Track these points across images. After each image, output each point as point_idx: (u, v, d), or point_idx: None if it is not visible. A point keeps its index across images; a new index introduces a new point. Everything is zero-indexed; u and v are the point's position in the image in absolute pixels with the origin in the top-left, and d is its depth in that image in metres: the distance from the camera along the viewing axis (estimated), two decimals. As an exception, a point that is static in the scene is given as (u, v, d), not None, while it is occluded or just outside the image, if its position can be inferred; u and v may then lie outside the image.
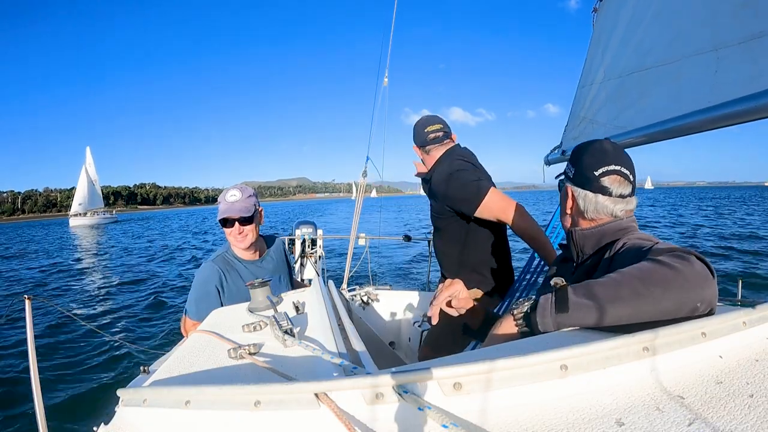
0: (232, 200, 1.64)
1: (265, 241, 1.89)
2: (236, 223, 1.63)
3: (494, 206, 1.64)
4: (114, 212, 74.60)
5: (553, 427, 0.42)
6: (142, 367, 0.92)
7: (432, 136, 1.79)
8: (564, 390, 0.46)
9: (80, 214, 57.03)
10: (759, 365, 0.50)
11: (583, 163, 0.94)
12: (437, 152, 1.80)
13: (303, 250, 4.25)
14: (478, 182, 1.68)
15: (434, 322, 1.00)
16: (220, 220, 1.64)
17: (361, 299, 2.93)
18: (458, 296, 1.03)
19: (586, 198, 0.94)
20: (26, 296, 1.27)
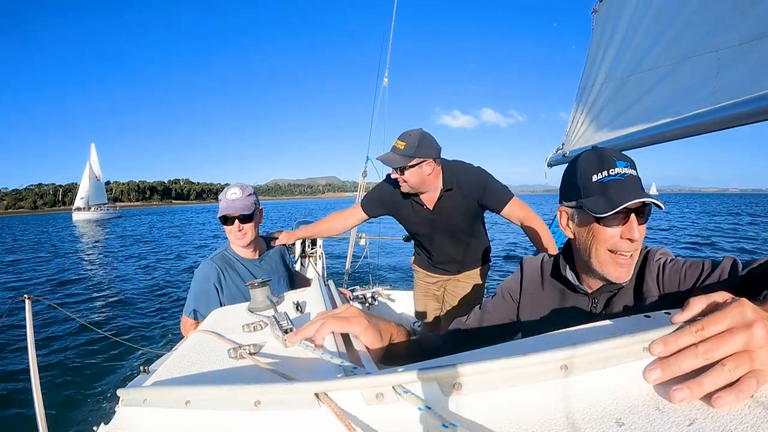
0: (233, 198, 1.66)
1: (264, 242, 1.91)
2: (236, 220, 1.66)
3: (519, 203, 1.84)
4: (117, 208, 74.83)
5: (553, 427, 0.42)
6: (142, 367, 0.92)
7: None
8: (564, 390, 0.46)
9: (83, 208, 57.17)
10: None
11: None
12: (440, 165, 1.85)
13: (303, 250, 4.24)
14: None
15: (291, 343, 0.72)
16: (220, 218, 1.68)
17: (362, 299, 2.93)
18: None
19: None
20: (26, 296, 1.27)
